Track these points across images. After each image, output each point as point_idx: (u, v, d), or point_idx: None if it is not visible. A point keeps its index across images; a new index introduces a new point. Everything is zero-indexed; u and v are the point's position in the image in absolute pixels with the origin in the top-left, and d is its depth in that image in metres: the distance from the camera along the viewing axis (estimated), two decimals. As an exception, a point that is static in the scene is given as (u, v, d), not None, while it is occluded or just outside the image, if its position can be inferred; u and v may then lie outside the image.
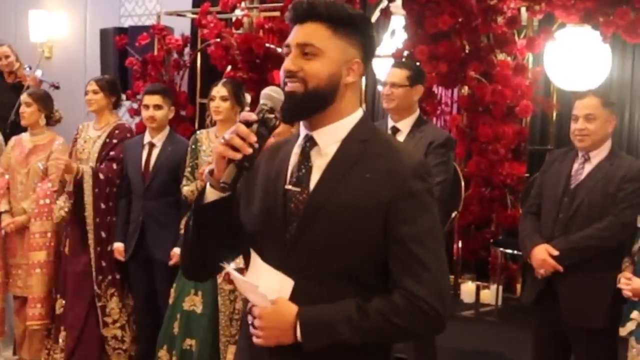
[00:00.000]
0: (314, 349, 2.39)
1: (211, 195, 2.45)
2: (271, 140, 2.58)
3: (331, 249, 2.43)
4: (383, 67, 7.87)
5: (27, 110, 6.62)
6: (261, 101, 2.45)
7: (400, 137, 5.19)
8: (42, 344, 6.57)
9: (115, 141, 6.31)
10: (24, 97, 6.72)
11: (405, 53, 7.19)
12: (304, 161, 2.52)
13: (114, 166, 6.24)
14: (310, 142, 2.53)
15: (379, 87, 7.05)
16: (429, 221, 2.43)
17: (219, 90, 5.74)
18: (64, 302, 6.36)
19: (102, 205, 6.18)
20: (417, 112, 5.30)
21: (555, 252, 4.60)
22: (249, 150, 2.35)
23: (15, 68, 8.53)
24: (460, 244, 7.52)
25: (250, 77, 7.30)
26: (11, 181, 6.70)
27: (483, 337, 6.63)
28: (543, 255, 4.62)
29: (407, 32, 7.26)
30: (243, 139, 2.35)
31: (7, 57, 8.48)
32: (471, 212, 7.34)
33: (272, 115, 2.41)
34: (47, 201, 6.43)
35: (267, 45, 7.59)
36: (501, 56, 7.33)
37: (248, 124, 2.38)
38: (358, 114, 2.54)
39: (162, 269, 5.93)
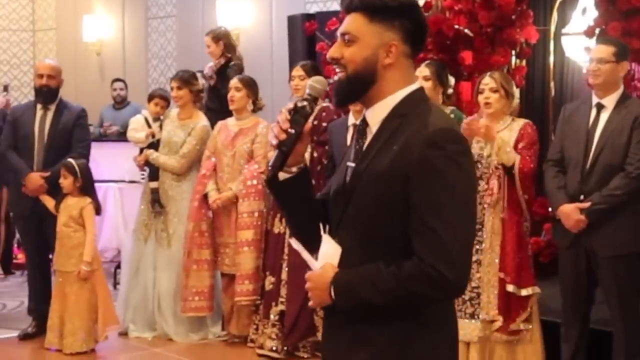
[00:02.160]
0: (345, 309, 2.63)
1: (281, 175, 2.77)
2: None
3: (365, 216, 2.63)
4: (573, 45, 7.90)
5: (237, 95, 6.95)
6: (306, 90, 2.74)
7: (605, 114, 5.27)
8: (250, 320, 6.88)
9: (324, 124, 6.52)
10: (234, 82, 7.04)
11: (597, 30, 7.19)
12: (359, 139, 2.74)
13: (325, 148, 6.44)
14: (363, 121, 2.74)
15: (579, 64, 7.05)
16: (443, 188, 2.51)
17: (422, 70, 5.88)
18: (273, 279, 6.64)
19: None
20: (622, 88, 5.35)
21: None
22: (283, 136, 2.66)
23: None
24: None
25: (440, 58, 7.41)
26: (218, 164, 7.06)
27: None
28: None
29: (599, 9, 7.22)
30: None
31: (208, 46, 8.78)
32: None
33: (305, 103, 2.68)
34: (255, 182, 6.77)
35: (456, 26, 7.70)
36: (696, 30, 7.24)
37: (289, 111, 2.69)
38: (404, 91, 2.67)
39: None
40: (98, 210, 6.85)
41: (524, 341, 5.51)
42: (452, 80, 6.20)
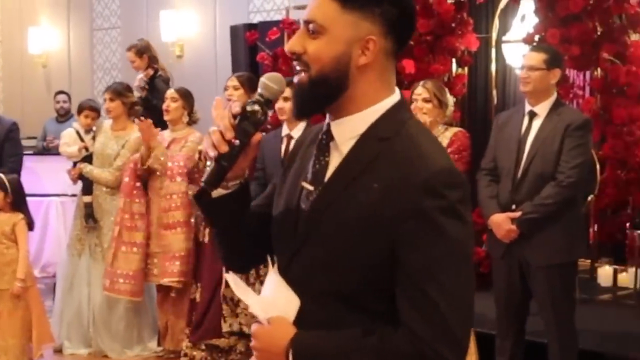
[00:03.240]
0: None
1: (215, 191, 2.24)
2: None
3: (328, 265, 2.09)
4: (513, 52, 7.87)
5: (173, 106, 6.85)
6: (258, 90, 2.19)
7: (538, 121, 5.18)
8: (184, 334, 6.71)
9: None
10: (170, 92, 6.96)
11: (537, 37, 7.16)
12: (320, 155, 2.18)
13: None
14: (327, 134, 2.17)
15: (516, 72, 7.04)
16: (442, 248, 2.00)
17: None
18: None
19: None
20: (555, 95, 5.27)
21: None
22: (224, 149, 2.12)
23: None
24: (596, 228, 7.44)
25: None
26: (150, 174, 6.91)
27: (622, 320, 6.57)
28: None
29: (538, 15, 7.21)
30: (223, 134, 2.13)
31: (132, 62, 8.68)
32: (607, 195, 7.24)
33: (257, 108, 2.13)
34: (181, 163, 6.74)
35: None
36: (635, 36, 7.22)
37: (233, 117, 2.15)
38: (384, 104, 2.13)
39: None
40: (31, 225, 6.66)
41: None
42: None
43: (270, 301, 2.17)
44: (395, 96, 2.15)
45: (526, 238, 5.05)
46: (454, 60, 7.63)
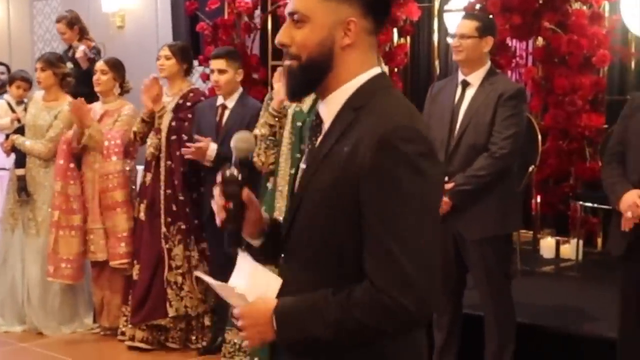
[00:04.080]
0: (289, 343, 2.22)
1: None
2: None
3: (310, 232, 2.24)
4: (455, 22, 7.77)
5: (103, 78, 6.69)
6: (233, 153, 2.37)
7: (471, 91, 5.06)
8: (120, 311, 6.66)
9: (189, 104, 6.34)
10: (99, 64, 6.79)
11: (478, 6, 7.07)
12: (312, 137, 2.36)
13: (185, 124, 6.27)
14: (317, 116, 2.36)
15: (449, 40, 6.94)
16: (398, 199, 2.08)
17: None
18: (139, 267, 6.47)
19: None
20: (488, 64, 5.16)
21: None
22: (223, 215, 2.32)
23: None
24: (538, 199, 7.39)
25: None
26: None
27: (564, 292, 6.49)
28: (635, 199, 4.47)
29: (479, -16, 7.13)
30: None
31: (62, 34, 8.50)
32: (549, 165, 7.20)
33: (233, 171, 2.33)
34: (118, 141, 6.60)
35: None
36: (576, 5, 7.16)
37: (219, 185, 2.34)
38: (361, 78, 2.27)
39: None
40: None
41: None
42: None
43: (252, 284, 2.31)
44: (374, 70, 2.28)
45: (459, 211, 4.93)
46: (395, 30, 7.52)
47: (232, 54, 6.18)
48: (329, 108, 2.29)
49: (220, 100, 6.13)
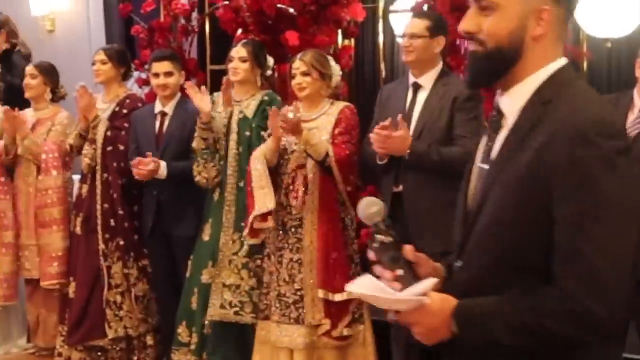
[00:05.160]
0: (468, 343, 2.18)
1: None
2: None
3: (495, 232, 2.15)
4: (402, 23, 7.55)
5: (32, 82, 6.36)
6: (370, 223, 2.26)
7: (423, 94, 4.88)
8: (57, 330, 6.34)
9: (125, 111, 6.04)
10: (29, 68, 6.46)
11: (426, 6, 6.84)
12: (492, 133, 2.27)
13: (122, 133, 5.97)
14: (498, 111, 2.25)
15: (399, 40, 6.72)
16: (594, 199, 1.99)
17: (238, 51, 5.44)
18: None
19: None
20: (440, 65, 4.96)
21: None
22: (398, 285, 2.18)
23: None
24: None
25: (262, 39, 6.97)
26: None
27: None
28: None
29: (427, -17, 6.91)
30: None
31: None
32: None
33: (384, 237, 2.22)
34: (56, 154, 6.31)
35: (278, 5, 7.25)
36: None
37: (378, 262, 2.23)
38: (547, 69, 2.17)
39: (181, 243, 5.65)
40: None
41: (355, 344, 5.12)
42: (271, 60, 5.72)
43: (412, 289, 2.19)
44: (561, 60, 2.19)
45: None
46: (339, 31, 7.29)
47: (175, 56, 6.02)
48: (513, 101, 2.19)
49: (158, 107, 5.86)
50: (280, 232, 5.13)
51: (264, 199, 4.98)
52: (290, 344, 5.07)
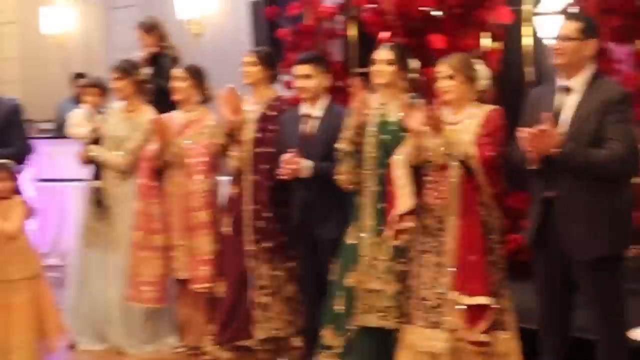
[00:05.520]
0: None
1: None
2: None
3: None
4: (548, 25, 7.43)
5: (181, 85, 6.46)
6: None
7: (573, 98, 4.71)
8: (206, 330, 6.44)
9: (274, 113, 6.09)
10: (177, 71, 6.56)
11: (576, 9, 6.71)
12: None
13: (272, 136, 6.03)
14: None
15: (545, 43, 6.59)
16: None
17: (383, 53, 5.42)
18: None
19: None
20: (592, 68, 4.79)
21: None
22: None
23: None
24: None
25: (407, 42, 6.95)
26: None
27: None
28: None
29: (575, -15, 6.79)
30: None
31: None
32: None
33: None
34: (207, 158, 6.40)
35: (423, 8, 7.21)
36: (683, 5, 6.78)
37: None
38: None
39: (326, 245, 5.65)
40: (31, 212, 6.20)
41: (497, 353, 5.00)
42: (417, 63, 5.66)
43: None
44: None
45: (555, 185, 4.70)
46: (486, 34, 7.20)
47: (318, 59, 5.92)
48: None
49: (303, 109, 5.87)
50: (422, 234, 5.09)
51: (404, 199, 4.97)
52: (432, 349, 5.00)
